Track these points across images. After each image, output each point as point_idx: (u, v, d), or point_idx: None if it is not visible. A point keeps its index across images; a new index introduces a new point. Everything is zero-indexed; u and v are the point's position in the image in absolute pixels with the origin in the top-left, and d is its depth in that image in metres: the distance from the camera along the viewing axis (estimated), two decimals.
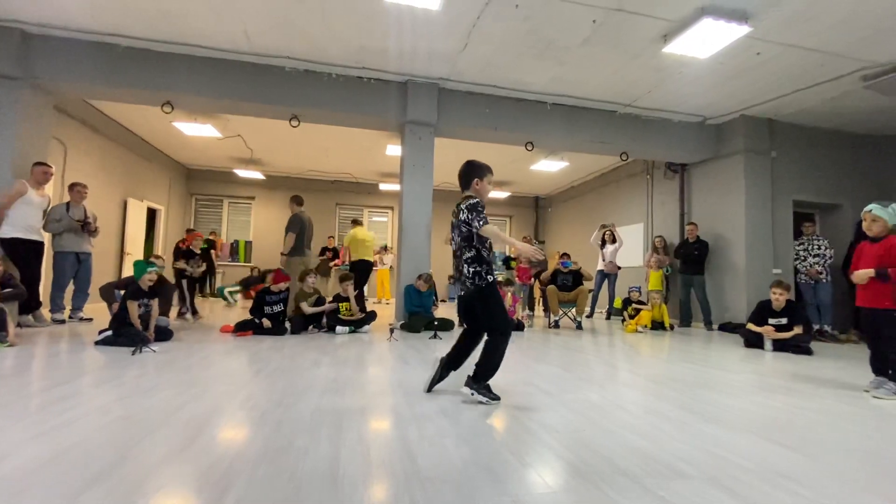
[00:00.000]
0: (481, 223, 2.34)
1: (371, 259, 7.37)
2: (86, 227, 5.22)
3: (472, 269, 2.41)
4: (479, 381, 2.38)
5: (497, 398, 2.38)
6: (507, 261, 10.01)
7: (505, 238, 2.49)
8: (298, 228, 5.74)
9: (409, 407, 2.24)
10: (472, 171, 2.51)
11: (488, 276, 2.42)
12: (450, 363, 2.56)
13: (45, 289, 5.73)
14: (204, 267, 6.50)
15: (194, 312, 6.13)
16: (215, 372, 2.90)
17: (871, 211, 2.90)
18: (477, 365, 2.42)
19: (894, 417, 2.33)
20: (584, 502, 1.31)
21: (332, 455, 1.59)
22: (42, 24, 4.82)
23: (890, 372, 2.87)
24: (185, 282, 6.19)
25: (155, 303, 4.08)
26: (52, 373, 2.72)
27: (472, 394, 2.36)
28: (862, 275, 2.84)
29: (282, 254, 5.73)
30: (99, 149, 7.32)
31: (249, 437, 1.75)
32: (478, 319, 2.50)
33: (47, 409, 2.02)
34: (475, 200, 2.42)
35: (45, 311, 5.05)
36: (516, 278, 6.86)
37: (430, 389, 2.54)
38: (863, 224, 2.97)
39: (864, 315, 2.97)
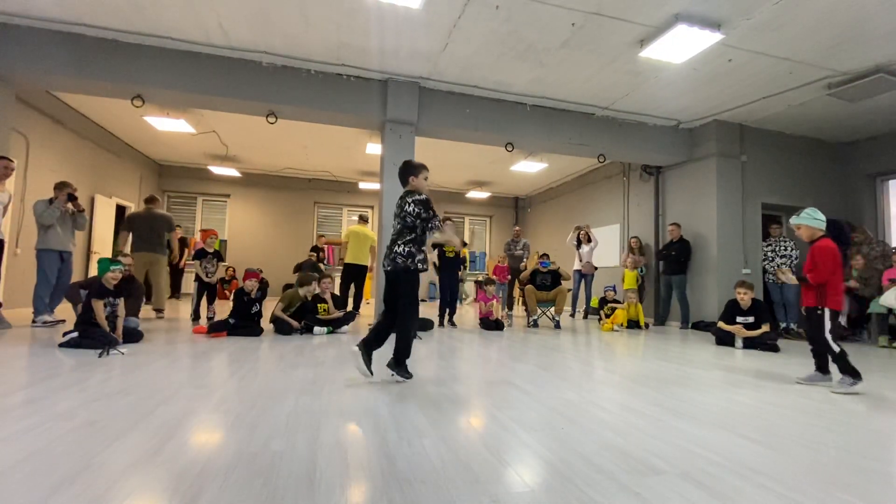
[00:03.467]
0: (436, 226, 2.71)
1: (367, 263, 6.72)
2: (72, 199, 5.00)
3: (406, 249, 2.72)
4: (398, 363, 2.73)
5: (410, 375, 2.75)
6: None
7: (450, 237, 2.84)
8: (127, 227, 6.08)
9: (387, 407, 2.22)
10: (408, 170, 2.90)
11: (418, 264, 2.72)
12: (369, 343, 2.74)
13: (6, 287, 5.49)
14: (218, 268, 5.88)
15: (196, 318, 5.70)
16: (187, 374, 2.81)
17: (792, 222, 3.25)
18: (395, 350, 2.74)
19: (856, 412, 2.44)
20: (562, 500, 1.33)
21: (309, 458, 1.57)
22: (4, 11, 4.59)
23: (838, 368, 2.94)
24: (196, 284, 5.83)
25: (122, 302, 3.93)
26: (13, 376, 2.59)
27: (392, 374, 2.72)
28: (786, 275, 3.33)
29: (120, 252, 5.95)
30: (64, 143, 7.03)
31: (222, 442, 1.71)
32: (395, 298, 2.78)
33: (7, 414, 1.92)
34: (424, 197, 2.76)
35: (4, 312, 4.82)
36: (494, 276, 6.90)
37: (372, 373, 2.72)
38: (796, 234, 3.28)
39: (804, 313, 3.22)
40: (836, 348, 2.93)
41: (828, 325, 2.96)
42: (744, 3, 4.11)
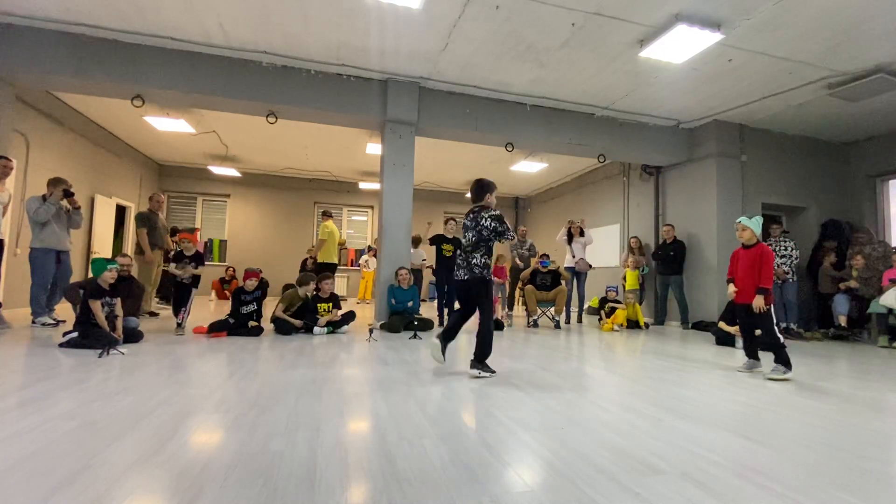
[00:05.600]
0: (511, 237, 3.06)
1: (336, 260, 6.82)
2: (70, 199, 4.94)
3: (483, 261, 3.04)
4: (481, 361, 3.01)
5: (493, 371, 3.03)
6: None
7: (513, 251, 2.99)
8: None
9: (387, 408, 2.22)
10: (485, 188, 3.18)
11: (486, 273, 3.06)
12: (447, 336, 3.13)
13: (7, 288, 5.50)
14: (189, 271, 5.75)
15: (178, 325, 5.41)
16: (187, 374, 2.82)
17: (740, 221, 3.49)
18: (476, 351, 3.03)
19: (856, 412, 2.44)
20: (562, 500, 1.33)
21: (309, 458, 1.57)
22: (4, 11, 4.60)
23: (774, 357, 3.31)
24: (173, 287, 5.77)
25: (119, 302, 3.91)
26: (13, 376, 2.59)
27: (479, 373, 2.96)
28: (758, 302, 3.33)
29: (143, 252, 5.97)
30: (64, 143, 7.03)
31: (222, 442, 1.71)
32: (471, 302, 3.14)
33: (7, 414, 1.92)
34: (499, 213, 3.08)
35: (4, 312, 4.81)
36: (494, 277, 6.88)
37: (444, 360, 3.18)
38: (736, 233, 3.55)
39: (739, 309, 3.56)
40: (782, 339, 3.29)
41: (774, 318, 3.35)
42: (744, 3, 4.11)
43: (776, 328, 3.32)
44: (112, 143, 8.47)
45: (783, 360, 3.26)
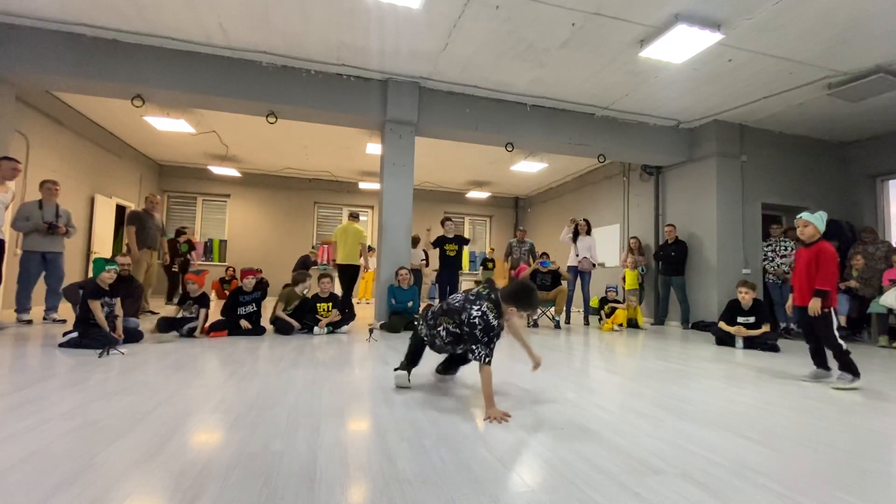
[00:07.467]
0: (486, 360, 2.22)
1: (358, 262, 6.40)
2: (52, 230, 4.97)
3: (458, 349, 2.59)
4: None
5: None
6: (484, 262, 10.08)
7: (489, 394, 2.17)
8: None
9: (387, 408, 2.22)
10: (520, 299, 2.39)
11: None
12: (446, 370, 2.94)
13: (6, 288, 5.49)
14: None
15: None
16: (187, 374, 2.81)
17: (802, 217, 3.23)
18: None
19: (855, 411, 2.44)
20: (561, 500, 1.33)
21: (309, 458, 1.57)
22: (4, 11, 4.60)
23: (838, 364, 3.08)
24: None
25: (118, 302, 3.91)
26: (13, 376, 2.59)
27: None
28: (814, 305, 3.05)
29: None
30: (64, 143, 7.02)
31: (222, 442, 1.70)
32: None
33: (7, 414, 1.92)
34: (495, 323, 2.30)
35: (5, 312, 4.81)
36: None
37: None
38: (797, 230, 3.28)
39: (796, 311, 3.28)
40: (844, 345, 3.04)
41: (835, 323, 3.07)
42: (744, 3, 4.11)
43: (835, 333, 3.03)
44: (112, 143, 8.47)
45: (849, 368, 2.98)
